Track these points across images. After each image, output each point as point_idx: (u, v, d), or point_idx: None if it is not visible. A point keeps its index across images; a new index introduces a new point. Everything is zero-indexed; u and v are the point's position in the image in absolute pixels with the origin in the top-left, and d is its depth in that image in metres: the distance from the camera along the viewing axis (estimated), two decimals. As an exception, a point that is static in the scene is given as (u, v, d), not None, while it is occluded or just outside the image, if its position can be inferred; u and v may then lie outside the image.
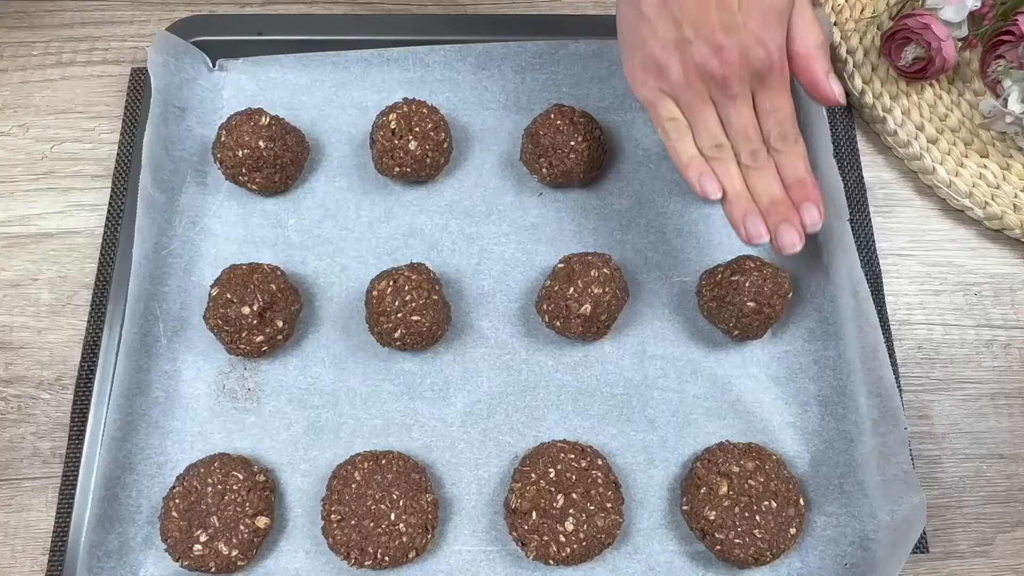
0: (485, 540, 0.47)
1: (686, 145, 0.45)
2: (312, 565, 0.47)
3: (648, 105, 0.46)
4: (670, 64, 0.43)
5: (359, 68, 0.58)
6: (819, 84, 0.44)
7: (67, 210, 0.55)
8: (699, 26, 0.41)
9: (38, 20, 0.61)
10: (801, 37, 0.44)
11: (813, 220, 0.44)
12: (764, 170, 0.45)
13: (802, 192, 0.44)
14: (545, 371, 0.51)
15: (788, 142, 0.45)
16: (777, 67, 0.43)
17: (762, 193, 0.45)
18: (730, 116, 0.44)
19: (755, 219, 0.44)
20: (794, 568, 0.47)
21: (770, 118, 0.44)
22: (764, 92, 0.44)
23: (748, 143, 0.44)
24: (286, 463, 0.49)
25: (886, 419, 0.45)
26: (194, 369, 0.51)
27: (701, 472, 0.47)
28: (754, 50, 0.42)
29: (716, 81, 0.43)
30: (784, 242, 0.44)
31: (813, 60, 0.44)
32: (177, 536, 0.46)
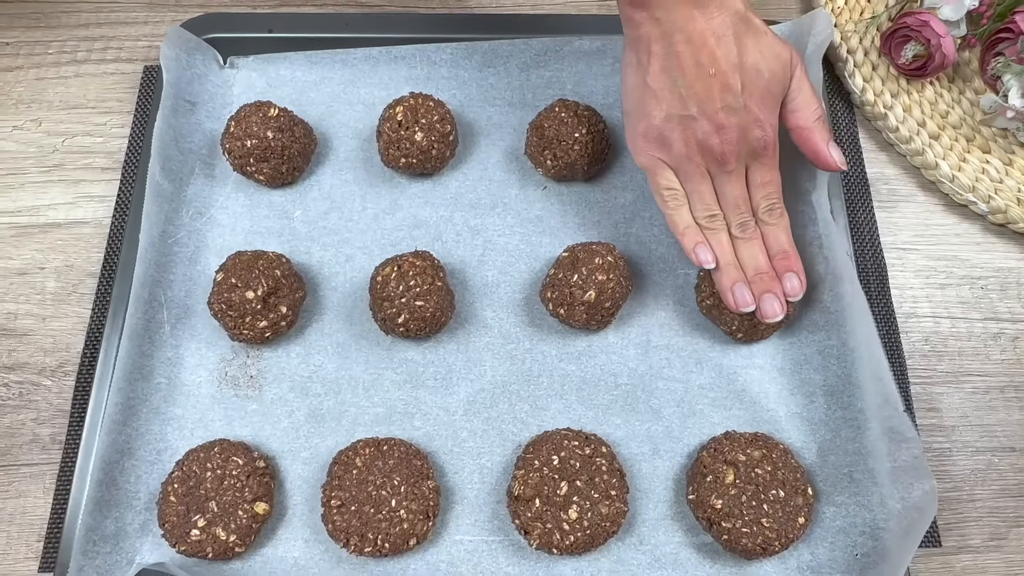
0: (487, 530, 0.47)
1: (683, 214, 0.48)
2: (311, 553, 0.46)
3: (648, 171, 0.49)
4: (673, 137, 0.46)
5: (367, 66, 0.59)
6: (820, 154, 0.47)
7: (76, 201, 0.56)
8: (703, 105, 0.44)
9: (55, 20, 0.62)
10: (801, 111, 0.47)
11: (794, 289, 0.47)
12: (752, 241, 0.48)
13: (784, 263, 0.48)
14: (549, 360, 0.51)
15: (774, 215, 0.48)
16: (771, 146, 0.46)
17: (749, 263, 0.48)
18: (724, 189, 0.47)
19: (743, 288, 0.47)
20: (803, 560, 0.46)
21: (760, 192, 0.47)
22: (757, 168, 0.47)
23: (739, 215, 0.48)
24: (287, 450, 0.49)
25: (888, 403, 0.44)
26: (197, 356, 0.51)
27: (707, 460, 0.47)
28: (752, 130, 0.45)
29: (715, 157, 0.46)
30: (767, 311, 0.47)
31: (813, 132, 0.47)
32: (174, 521, 0.45)
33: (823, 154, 0.47)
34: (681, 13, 0.43)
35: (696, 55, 0.44)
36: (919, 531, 0.42)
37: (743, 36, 0.44)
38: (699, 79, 0.44)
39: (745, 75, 0.44)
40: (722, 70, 0.44)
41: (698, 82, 0.44)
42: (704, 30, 0.43)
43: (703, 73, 0.44)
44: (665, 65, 0.45)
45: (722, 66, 0.44)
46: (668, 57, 0.44)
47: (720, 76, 0.44)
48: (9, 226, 0.55)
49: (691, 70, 0.44)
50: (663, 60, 0.45)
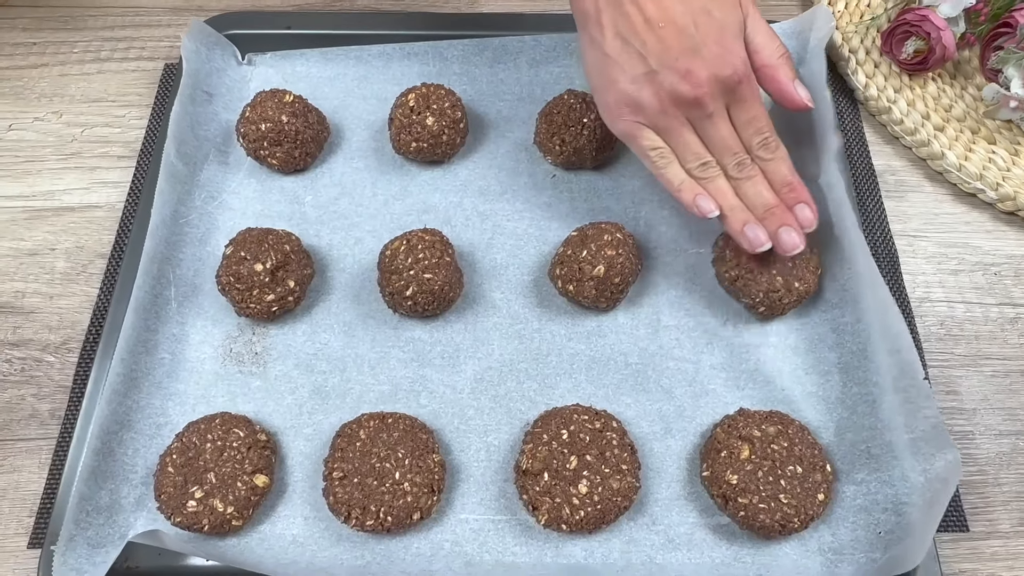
0: (494, 509, 0.45)
1: (675, 170, 0.47)
2: (311, 531, 0.44)
3: (628, 138, 0.47)
4: (642, 96, 0.45)
5: (380, 62, 0.60)
6: (786, 92, 0.46)
7: (91, 186, 0.57)
8: (663, 56, 0.43)
9: (81, 23, 0.65)
10: (762, 49, 0.46)
11: (807, 219, 0.46)
12: (753, 179, 0.46)
13: (792, 195, 0.46)
14: (558, 340, 0.50)
15: (770, 149, 0.46)
16: (744, 79, 0.45)
17: (755, 201, 0.46)
18: (709, 133, 0.46)
19: (754, 227, 0.46)
20: (824, 541, 0.44)
21: (748, 129, 0.46)
22: (737, 106, 0.46)
23: (732, 156, 0.46)
24: (289, 427, 0.47)
25: (905, 373, 0.43)
26: (202, 333, 0.50)
27: (721, 436, 0.45)
28: (719, 68, 0.44)
29: (689, 103, 0.44)
30: (786, 244, 0.45)
31: (777, 70, 0.46)
32: (171, 492, 0.43)
33: (788, 91, 0.46)
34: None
35: (643, 11, 0.43)
36: (943, 501, 0.40)
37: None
38: (651, 33, 0.43)
39: (695, 18, 0.43)
40: (671, 19, 0.43)
41: (651, 36, 0.43)
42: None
43: (654, 27, 0.43)
44: (617, 31, 0.44)
45: (670, 15, 0.43)
46: (618, 22, 0.44)
47: (671, 25, 0.43)
48: (23, 209, 0.56)
49: (642, 27, 0.43)
50: (614, 27, 0.44)
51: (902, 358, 0.44)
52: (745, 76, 0.45)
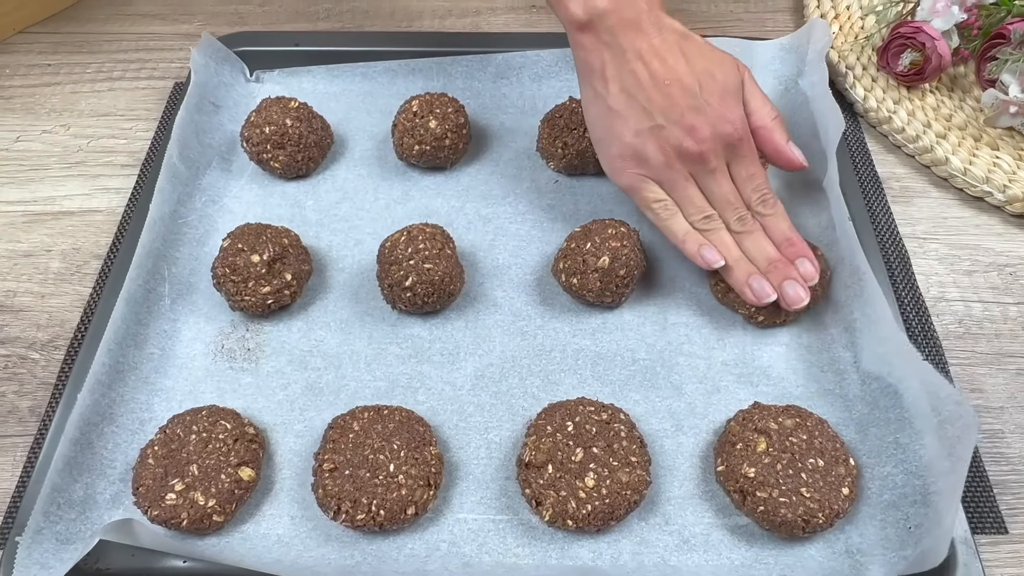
0: (494, 508, 0.42)
1: (679, 222, 0.47)
2: (297, 531, 0.41)
3: (632, 191, 0.48)
4: (647, 149, 0.46)
5: (385, 78, 0.62)
6: (781, 152, 0.48)
7: (92, 192, 0.56)
8: (668, 112, 0.45)
9: (96, 47, 0.67)
10: (757, 111, 0.47)
11: (809, 273, 0.46)
12: (754, 233, 0.47)
13: (792, 249, 0.47)
14: (562, 336, 0.48)
15: (769, 205, 0.47)
16: (745, 138, 0.46)
17: (758, 255, 0.47)
18: (712, 188, 0.47)
19: (759, 280, 0.46)
20: (852, 542, 0.40)
21: (748, 185, 0.47)
22: (738, 162, 0.47)
23: (734, 211, 0.47)
24: (280, 423, 0.45)
25: (908, 355, 0.41)
26: (194, 330, 0.49)
27: (736, 429, 0.43)
28: (722, 126, 0.45)
29: (694, 157, 0.46)
30: (791, 297, 0.45)
31: (772, 132, 0.47)
32: (149, 484, 0.41)
33: (784, 152, 0.48)
34: (627, 35, 0.45)
35: (649, 69, 0.45)
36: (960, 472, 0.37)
37: (688, 50, 0.46)
38: (657, 90, 0.45)
39: (699, 79, 0.45)
40: (677, 78, 0.45)
41: (657, 93, 0.45)
42: (652, 47, 0.45)
43: (659, 84, 0.45)
44: (623, 86, 0.45)
45: (676, 75, 0.45)
46: (623, 77, 0.45)
47: (676, 84, 0.45)
48: (22, 213, 0.55)
49: (648, 84, 0.45)
50: (619, 81, 0.46)
51: (900, 343, 0.42)
52: (745, 135, 0.46)
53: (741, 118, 0.46)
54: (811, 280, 0.46)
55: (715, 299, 0.50)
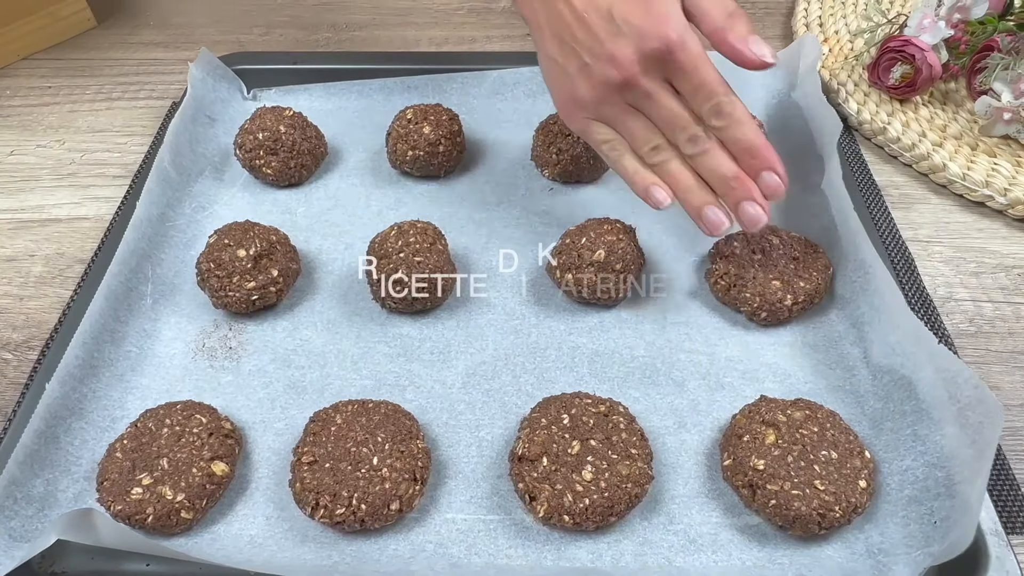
0: (485, 508, 0.39)
1: (627, 160, 0.44)
2: (272, 531, 0.38)
3: (584, 136, 0.46)
4: (581, 91, 0.43)
5: (381, 95, 0.62)
6: (740, 54, 0.41)
7: (82, 201, 0.56)
8: (591, 46, 0.41)
9: (98, 71, 0.68)
10: (707, 14, 0.41)
11: (773, 186, 0.42)
12: (708, 152, 0.42)
13: (754, 161, 0.42)
14: (557, 334, 0.47)
15: (722, 116, 0.41)
16: (677, 47, 0.40)
17: (713, 176, 0.42)
18: (654, 113, 0.42)
19: (711, 208, 0.42)
20: (872, 542, 0.37)
21: (697, 97, 0.41)
22: (678, 76, 0.41)
23: (682, 131, 0.42)
24: (259, 421, 0.43)
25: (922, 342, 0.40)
26: (175, 330, 0.47)
27: (742, 422, 0.40)
28: (645, 42, 0.40)
29: (622, 86, 0.42)
30: (749, 217, 0.42)
31: (726, 32, 0.41)
32: (115, 478, 0.38)
33: (741, 52, 0.41)
34: None
35: (571, 6, 0.42)
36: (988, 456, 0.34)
37: None
38: (578, 24, 0.42)
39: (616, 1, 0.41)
40: (595, 6, 0.41)
41: (578, 28, 0.42)
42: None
43: (578, 17, 0.41)
44: (553, 31, 0.43)
45: (594, 2, 0.41)
46: (552, 22, 0.43)
47: (593, 11, 0.41)
48: (9, 220, 0.54)
49: (570, 20, 0.42)
50: (550, 28, 0.43)
51: (913, 328, 0.40)
52: (677, 43, 0.40)
53: (675, 26, 0.40)
54: (776, 194, 0.42)
55: (716, 298, 0.48)
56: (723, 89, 0.41)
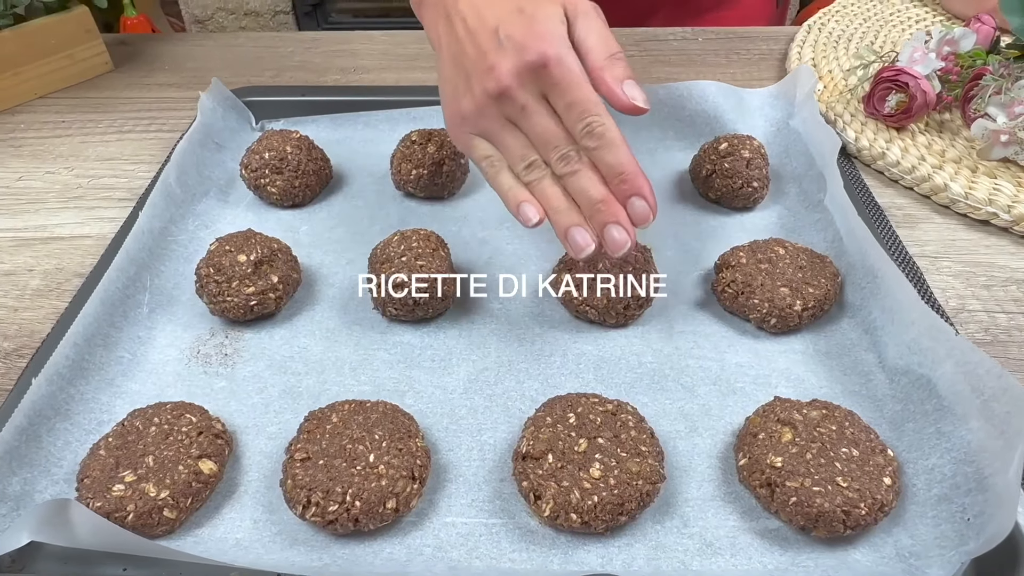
0: (487, 511, 0.37)
1: (503, 177, 0.43)
2: (259, 535, 0.36)
3: (467, 152, 0.45)
4: (463, 105, 0.43)
5: (387, 125, 0.63)
6: (613, 93, 0.40)
7: (86, 221, 0.56)
8: (476, 60, 0.42)
9: (112, 108, 0.69)
10: (591, 51, 0.41)
11: (641, 213, 0.40)
12: (578, 174, 0.41)
13: (624, 187, 0.40)
14: (561, 343, 0.45)
15: (594, 136, 0.40)
16: (552, 62, 0.39)
17: (580, 198, 0.41)
18: (527, 127, 0.42)
19: (577, 230, 0.41)
20: (902, 545, 0.35)
21: (570, 115, 0.40)
22: (553, 92, 0.40)
23: (554, 150, 0.41)
24: (252, 425, 0.41)
25: (939, 336, 0.38)
26: (170, 337, 0.46)
27: (757, 421, 0.39)
28: (522, 55, 0.40)
29: (497, 97, 0.41)
30: (613, 242, 0.40)
31: (604, 71, 0.41)
32: (96, 475, 0.36)
33: (616, 93, 0.40)
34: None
35: (466, 24, 0.42)
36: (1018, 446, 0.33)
37: None
38: (469, 42, 0.42)
39: (504, 18, 0.41)
40: (483, 24, 0.41)
41: (469, 46, 0.42)
42: (470, 3, 0.42)
43: (470, 36, 0.42)
44: (450, 52, 0.44)
45: (483, 21, 0.41)
46: (450, 44, 0.44)
47: (482, 30, 0.41)
48: (11, 239, 0.54)
49: (463, 39, 0.42)
50: (448, 49, 0.44)
51: (929, 323, 0.39)
52: (552, 59, 0.39)
53: (553, 43, 0.40)
54: (643, 220, 0.40)
55: (723, 307, 0.47)
56: (597, 109, 0.40)
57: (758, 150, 0.54)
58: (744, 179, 0.53)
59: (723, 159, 0.54)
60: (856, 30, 0.76)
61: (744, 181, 0.53)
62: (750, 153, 0.54)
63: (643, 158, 0.59)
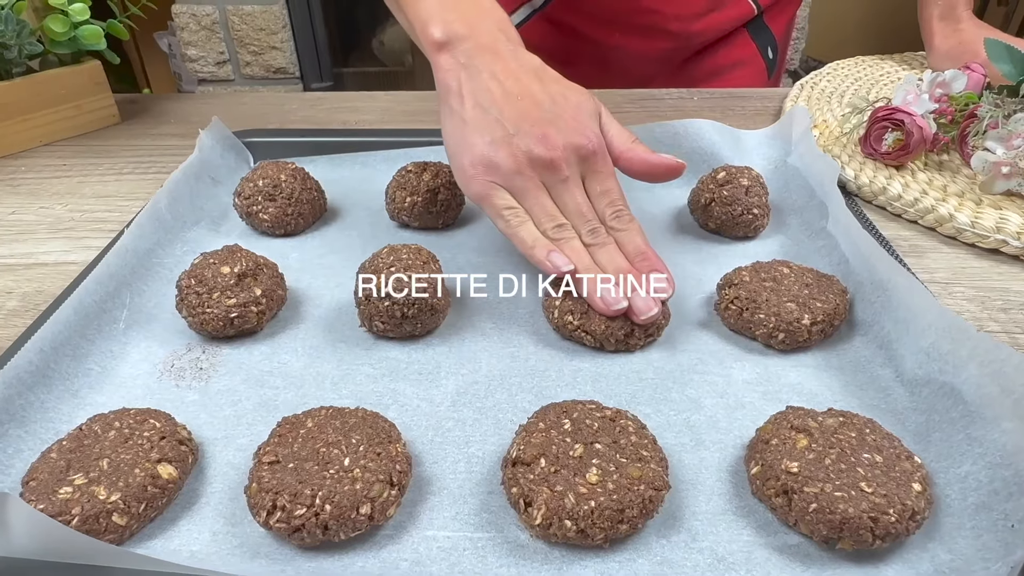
0: (472, 525, 0.33)
1: (528, 229, 0.45)
2: (217, 547, 0.32)
3: (482, 199, 0.46)
4: (499, 157, 0.44)
5: (384, 165, 0.63)
6: (650, 161, 0.46)
7: (73, 249, 0.55)
8: (520, 123, 0.44)
9: (115, 154, 0.70)
10: (616, 138, 0.47)
11: (662, 287, 0.43)
12: (606, 246, 0.45)
13: (646, 263, 0.45)
14: (556, 360, 0.43)
15: (623, 221, 0.46)
16: (599, 152, 0.45)
17: (608, 266, 0.44)
18: (564, 199, 0.45)
19: (610, 288, 0.43)
20: (940, 560, 0.31)
21: (603, 200, 0.46)
22: (592, 177, 0.46)
23: (586, 222, 0.45)
24: (221, 437, 0.38)
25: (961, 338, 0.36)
26: (144, 352, 0.43)
27: (769, 428, 0.35)
28: (574, 137, 0.45)
29: (545, 164, 0.44)
30: (640, 308, 0.42)
31: (634, 151, 0.47)
32: (44, 478, 0.33)
33: (653, 160, 0.46)
34: (483, 58, 0.46)
35: (504, 87, 0.45)
36: None
37: (543, 75, 0.47)
38: (509, 104, 0.45)
39: (553, 96, 0.46)
40: (530, 94, 0.45)
41: (509, 107, 0.45)
42: (507, 69, 0.46)
43: (512, 99, 0.45)
44: (477, 101, 0.45)
45: (529, 92, 0.45)
46: (477, 93, 0.45)
47: (529, 99, 0.45)
48: (-5, 265, 0.53)
49: (500, 99, 0.45)
50: (474, 97, 0.46)
51: (947, 323, 0.37)
52: (599, 149, 0.45)
53: (596, 135, 0.45)
54: (663, 295, 0.43)
55: (727, 326, 0.45)
56: (625, 203, 0.46)
57: (757, 179, 0.54)
58: (744, 206, 0.52)
59: (721, 187, 0.53)
60: (848, 87, 0.78)
61: (744, 208, 0.52)
62: (749, 181, 0.53)
63: (641, 195, 0.60)
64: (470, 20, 0.47)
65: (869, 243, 0.45)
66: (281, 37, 1.78)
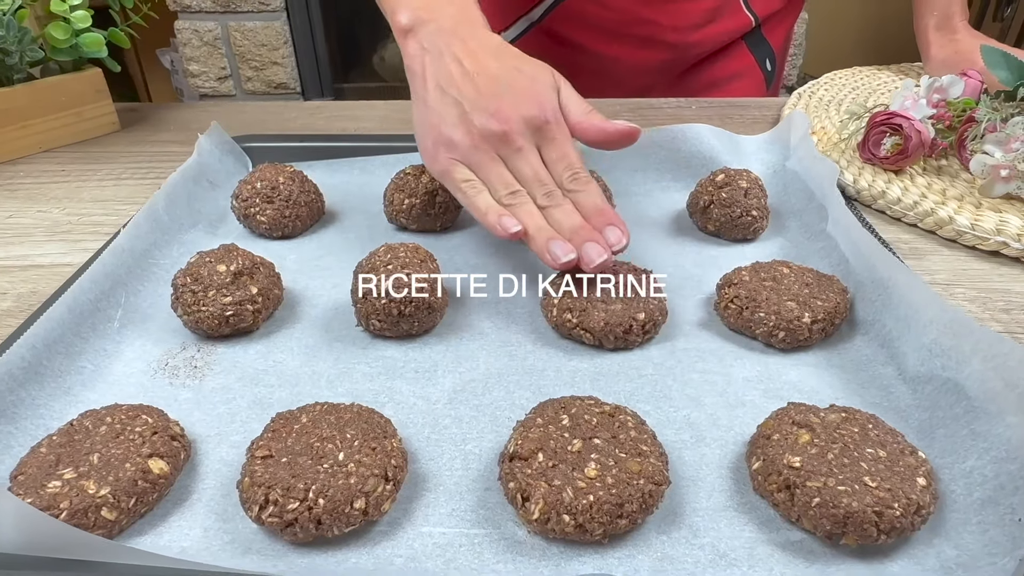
0: (468, 521, 0.32)
1: (484, 197, 0.46)
2: (208, 543, 0.31)
3: (444, 175, 0.48)
4: (456, 135, 0.47)
5: (384, 170, 0.63)
6: (606, 129, 0.47)
7: (69, 252, 0.54)
8: (474, 100, 0.46)
9: (113, 160, 0.70)
10: (573, 110, 0.48)
11: (616, 239, 0.44)
12: (561, 206, 0.46)
13: (602, 218, 0.45)
14: (555, 359, 0.42)
15: (580, 182, 0.46)
16: (553, 121, 0.46)
17: (563, 223, 0.45)
18: (519, 167, 0.46)
19: (558, 242, 0.43)
20: (946, 556, 0.30)
21: (559, 165, 0.47)
22: (547, 145, 0.47)
23: (541, 187, 0.46)
24: (214, 434, 0.37)
25: (962, 332, 0.36)
26: (139, 351, 0.43)
27: (771, 424, 0.35)
28: (527, 108, 0.46)
29: (499, 137, 0.46)
30: (591, 256, 0.43)
31: (589, 119, 0.48)
32: (32, 472, 0.32)
33: (608, 127, 0.47)
34: (444, 39, 0.49)
35: (462, 67, 0.47)
36: None
37: (501, 52, 0.49)
38: (466, 82, 0.47)
39: (507, 71, 0.47)
40: (485, 70, 0.47)
41: (466, 85, 0.47)
42: (466, 49, 0.48)
43: (469, 78, 0.47)
44: (438, 83, 0.48)
45: (484, 68, 0.47)
46: (439, 76, 0.48)
47: (483, 75, 0.47)
48: (-10, 266, 0.53)
49: (459, 78, 0.47)
50: (435, 79, 0.48)
51: (948, 318, 0.37)
52: (554, 118, 0.46)
53: (552, 104, 0.47)
54: (617, 246, 0.44)
55: (727, 325, 0.45)
56: (582, 165, 0.47)
57: (755, 181, 0.54)
58: (743, 208, 0.52)
59: (720, 189, 0.53)
60: (846, 96, 0.78)
61: (743, 210, 0.52)
62: (748, 183, 0.53)
63: (640, 200, 0.60)
64: (432, 5, 0.50)
65: (870, 242, 0.45)
66: (283, 53, 1.80)
